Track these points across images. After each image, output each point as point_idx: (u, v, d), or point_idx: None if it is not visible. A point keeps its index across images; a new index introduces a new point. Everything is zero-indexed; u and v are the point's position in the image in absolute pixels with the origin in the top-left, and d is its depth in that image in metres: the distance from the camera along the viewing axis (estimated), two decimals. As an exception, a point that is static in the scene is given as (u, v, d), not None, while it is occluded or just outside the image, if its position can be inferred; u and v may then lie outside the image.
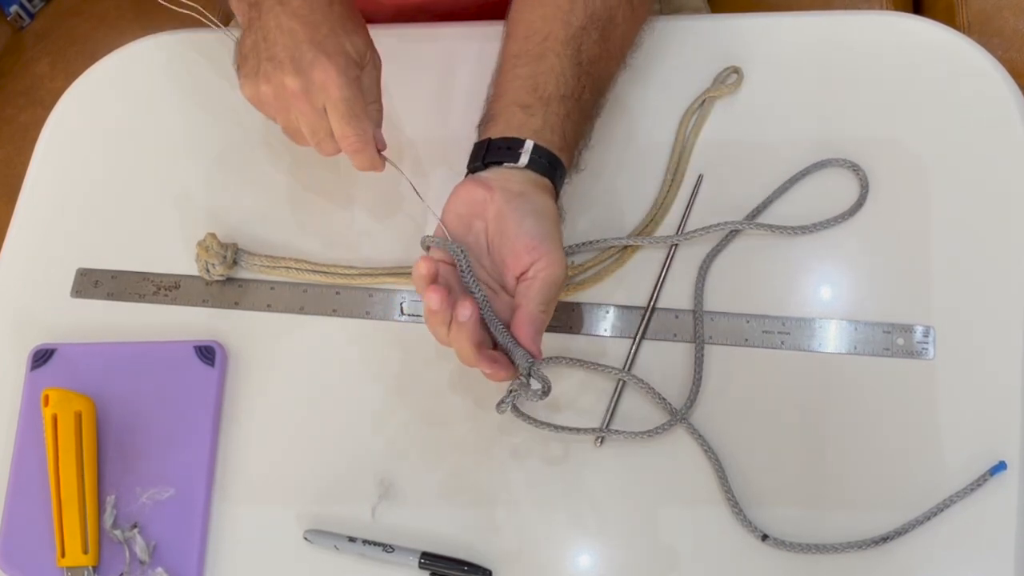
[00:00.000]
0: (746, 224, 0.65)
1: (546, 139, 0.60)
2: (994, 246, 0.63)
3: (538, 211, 0.58)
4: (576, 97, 0.62)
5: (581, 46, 0.63)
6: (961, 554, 0.57)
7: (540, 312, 0.56)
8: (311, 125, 0.61)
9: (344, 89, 0.59)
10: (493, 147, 0.61)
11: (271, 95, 0.61)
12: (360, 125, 0.60)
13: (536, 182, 0.59)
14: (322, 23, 0.60)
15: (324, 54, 0.59)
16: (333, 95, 0.59)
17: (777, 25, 0.73)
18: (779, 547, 0.58)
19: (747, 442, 0.61)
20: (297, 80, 0.59)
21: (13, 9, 1.29)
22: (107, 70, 0.82)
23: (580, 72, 0.63)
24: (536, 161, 0.59)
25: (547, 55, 0.63)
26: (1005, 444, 0.58)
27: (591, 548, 0.61)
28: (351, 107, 0.59)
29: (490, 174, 0.60)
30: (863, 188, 0.65)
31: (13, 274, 0.75)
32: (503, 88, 0.64)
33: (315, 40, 0.59)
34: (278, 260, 0.70)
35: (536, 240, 0.56)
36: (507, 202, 0.57)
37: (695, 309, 0.64)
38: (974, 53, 0.68)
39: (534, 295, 0.56)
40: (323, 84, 0.59)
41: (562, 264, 0.57)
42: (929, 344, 0.61)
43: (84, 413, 0.65)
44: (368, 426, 0.66)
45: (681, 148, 0.69)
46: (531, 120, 0.61)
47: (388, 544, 0.61)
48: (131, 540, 0.64)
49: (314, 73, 0.59)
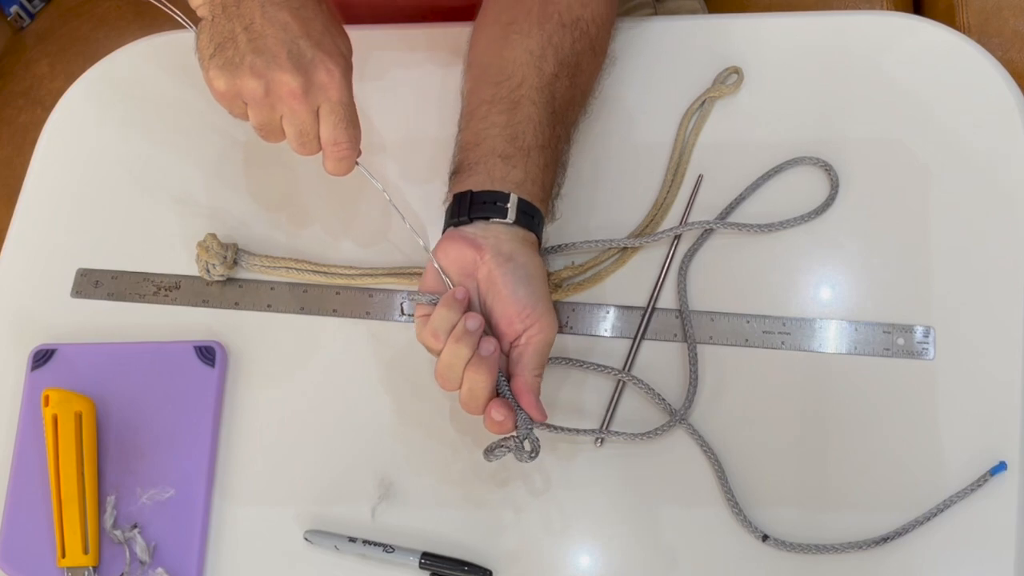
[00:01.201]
0: (717, 224, 0.65)
1: (528, 191, 0.60)
2: (994, 246, 0.63)
3: (529, 275, 0.58)
4: (552, 147, 0.62)
5: (555, 93, 0.63)
6: (961, 554, 0.57)
7: (535, 377, 0.57)
8: (301, 126, 0.58)
9: (345, 92, 0.57)
10: (477, 200, 0.60)
11: (259, 92, 0.56)
12: (355, 133, 0.59)
13: (524, 238, 0.59)
14: (315, 19, 0.58)
15: (326, 54, 0.57)
16: (333, 98, 0.57)
17: (777, 25, 0.73)
18: (779, 547, 0.58)
19: (747, 442, 0.61)
20: (297, 78, 0.56)
21: (13, 9, 1.29)
22: (107, 70, 0.82)
23: (555, 120, 0.63)
24: (522, 215, 0.59)
25: (523, 103, 0.62)
26: (1005, 444, 0.58)
27: (591, 548, 0.61)
28: (349, 113, 0.58)
29: (477, 230, 0.59)
30: (833, 187, 0.66)
31: (13, 274, 0.75)
32: (479, 135, 0.62)
33: (312, 37, 0.57)
34: (278, 260, 0.70)
35: (528, 307, 0.57)
36: (498, 266, 0.57)
37: (680, 309, 0.64)
38: (974, 53, 0.68)
39: (528, 362, 0.57)
40: (325, 86, 0.57)
41: (554, 326, 0.58)
42: (929, 344, 0.61)
43: (84, 413, 0.65)
44: (368, 426, 0.66)
45: (681, 148, 0.69)
46: (513, 172, 0.60)
47: (388, 544, 0.61)
48: (131, 540, 0.64)
49: (317, 73, 0.56)
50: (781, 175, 0.67)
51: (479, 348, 0.55)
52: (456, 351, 0.55)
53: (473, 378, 0.55)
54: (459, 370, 0.56)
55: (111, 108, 0.80)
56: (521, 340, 0.57)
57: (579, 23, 0.65)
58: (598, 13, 0.66)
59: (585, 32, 0.65)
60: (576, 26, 0.65)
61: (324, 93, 0.57)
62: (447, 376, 0.56)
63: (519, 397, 0.57)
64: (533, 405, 0.57)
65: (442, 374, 0.56)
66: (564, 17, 0.64)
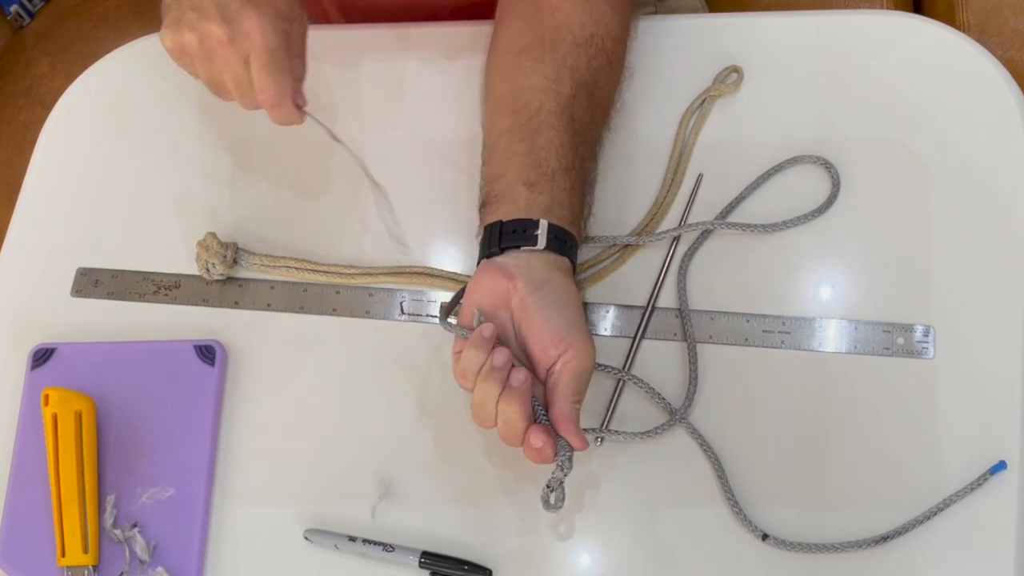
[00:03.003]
0: (719, 224, 0.65)
1: (556, 215, 0.59)
2: (994, 246, 0.63)
3: (562, 301, 0.57)
4: (577, 168, 0.62)
5: (574, 115, 0.62)
6: (961, 554, 0.57)
7: (572, 405, 0.56)
8: (235, 76, 0.60)
9: (270, 38, 0.59)
10: (507, 230, 0.59)
11: (195, 44, 0.60)
12: (279, 78, 0.60)
13: (556, 264, 0.59)
14: None
15: (252, 5, 0.59)
16: (258, 44, 0.59)
17: (777, 24, 0.73)
18: (779, 547, 0.58)
19: (747, 442, 0.61)
20: (223, 28, 0.58)
21: (13, 9, 1.29)
22: (107, 70, 0.82)
23: (577, 141, 0.62)
24: (552, 241, 0.59)
25: (542, 129, 0.62)
26: (1005, 444, 0.58)
27: (591, 548, 0.61)
28: (274, 58, 0.59)
29: (509, 260, 0.59)
30: (835, 185, 0.66)
31: (13, 274, 0.75)
32: (503, 166, 0.62)
33: None
34: (278, 260, 0.70)
35: (562, 333, 0.56)
36: (530, 293, 0.57)
37: (680, 308, 0.64)
38: (974, 53, 0.68)
39: (563, 389, 0.56)
40: (248, 33, 0.59)
41: (590, 352, 0.56)
42: (929, 344, 0.61)
43: (84, 413, 0.65)
44: (368, 426, 0.66)
45: (681, 148, 0.69)
46: (540, 198, 0.60)
47: (388, 544, 0.61)
48: (131, 540, 0.64)
49: (241, 22, 0.59)
50: (781, 174, 0.67)
51: (509, 379, 0.54)
52: (486, 389, 0.55)
53: (506, 410, 0.54)
54: (492, 407, 0.55)
55: (111, 107, 0.80)
56: (556, 367, 0.56)
57: (594, 40, 0.64)
58: (612, 27, 0.66)
59: (601, 48, 0.65)
60: (591, 43, 0.64)
61: (249, 40, 0.59)
62: (481, 414, 0.56)
63: (557, 426, 0.55)
64: (573, 433, 0.55)
65: (477, 412, 0.56)
66: (578, 36, 0.64)
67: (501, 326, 0.57)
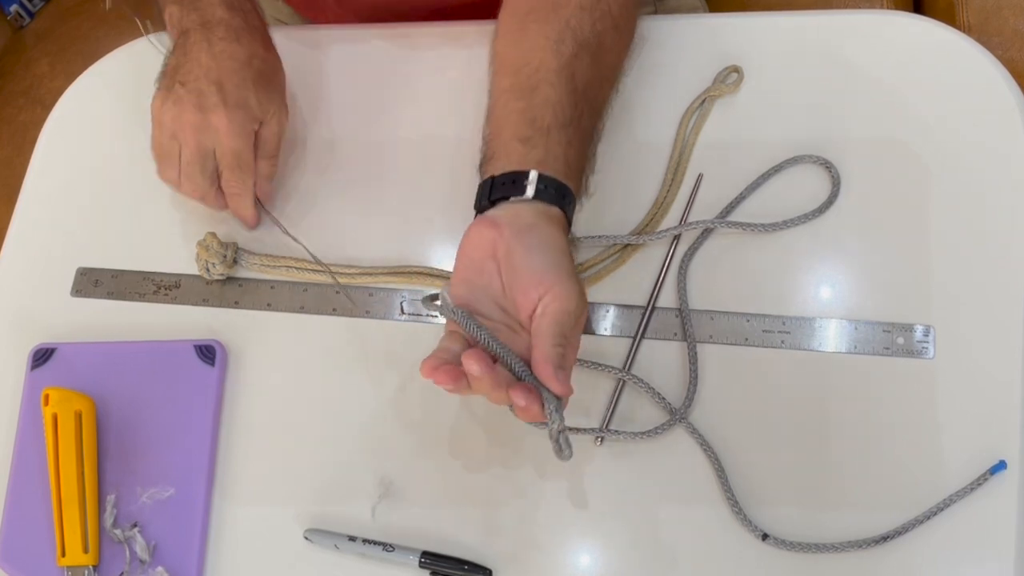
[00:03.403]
0: (720, 223, 0.65)
1: (550, 167, 0.59)
2: (994, 246, 0.63)
3: (545, 243, 0.57)
4: (576, 124, 0.61)
5: (575, 73, 0.62)
6: (961, 554, 0.57)
7: (554, 348, 0.53)
8: (188, 156, 0.66)
9: (234, 140, 0.65)
10: (497, 183, 0.59)
11: (170, 117, 0.66)
12: (243, 176, 0.67)
13: (545, 213, 0.58)
14: (235, 73, 0.65)
15: (225, 104, 0.64)
16: (224, 144, 0.65)
17: (777, 25, 0.73)
18: (779, 546, 0.58)
19: (747, 442, 0.61)
20: (196, 116, 0.64)
21: (13, 9, 1.29)
22: (107, 70, 0.82)
23: (576, 99, 0.62)
24: (543, 191, 0.58)
25: (541, 86, 0.62)
26: (1005, 443, 0.58)
27: (591, 548, 0.61)
28: (239, 159, 0.66)
29: (498, 211, 0.59)
30: (835, 185, 0.66)
31: (13, 274, 0.75)
32: (500, 124, 0.63)
33: (223, 87, 0.65)
34: (278, 259, 0.70)
35: (541, 274, 0.55)
36: (513, 238, 0.56)
37: (680, 308, 0.64)
38: (974, 53, 0.68)
39: (545, 331, 0.54)
40: (217, 128, 0.65)
41: (573, 295, 0.55)
42: (929, 344, 0.61)
43: (84, 413, 0.65)
44: (368, 426, 0.66)
45: (681, 147, 0.69)
46: (533, 152, 0.60)
47: (388, 543, 0.61)
48: (131, 540, 0.64)
49: (211, 117, 0.64)
50: (780, 174, 0.67)
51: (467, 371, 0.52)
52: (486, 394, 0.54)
53: (478, 389, 0.54)
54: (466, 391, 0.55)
55: (111, 107, 0.80)
56: (538, 310, 0.55)
57: (600, 4, 0.64)
58: None
59: (607, 12, 0.64)
60: (596, 7, 0.64)
61: (216, 136, 0.65)
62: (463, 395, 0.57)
63: (537, 372, 0.54)
64: (551, 377, 0.53)
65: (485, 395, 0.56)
66: (583, 0, 0.64)
67: (488, 277, 0.57)
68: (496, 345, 0.55)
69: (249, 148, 0.66)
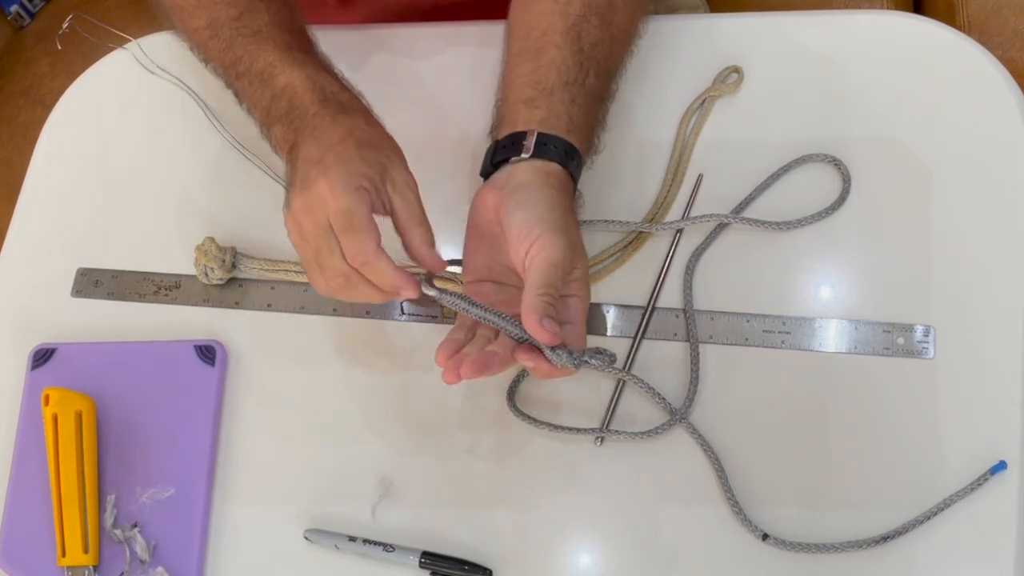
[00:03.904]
0: (732, 218, 0.65)
1: (551, 126, 0.60)
2: (994, 246, 0.63)
3: (533, 198, 0.57)
4: (580, 82, 0.62)
5: (581, 33, 0.63)
6: (961, 554, 0.57)
7: (538, 297, 0.53)
8: (312, 244, 0.56)
9: (339, 200, 0.54)
10: (500, 147, 0.61)
11: (290, 222, 0.57)
12: (359, 237, 0.54)
13: (542, 170, 0.59)
14: (334, 146, 0.57)
15: (325, 172, 0.55)
16: (331, 208, 0.54)
17: (777, 25, 0.73)
18: (779, 546, 0.58)
19: (747, 442, 0.61)
20: (302, 199, 0.55)
21: (13, 9, 1.29)
22: (107, 70, 0.82)
23: (582, 58, 0.62)
24: (541, 148, 0.59)
25: (547, 48, 0.62)
26: (1005, 444, 0.58)
27: (591, 548, 0.61)
28: (348, 217, 0.54)
29: (499, 174, 0.60)
30: (845, 183, 0.66)
31: (13, 274, 0.75)
32: (507, 90, 0.64)
33: (323, 160, 0.56)
34: (277, 264, 0.70)
35: (526, 228, 0.55)
36: (507, 197, 0.57)
37: (685, 308, 0.64)
38: (974, 53, 0.68)
39: (530, 282, 0.54)
40: (322, 197, 0.54)
41: (559, 245, 0.54)
42: (929, 344, 0.61)
43: (84, 413, 0.65)
44: (368, 426, 0.65)
45: (681, 148, 0.69)
46: (535, 112, 0.60)
47: (388, 544, 0.61)
48: (131, 540, 0.64)
49: (314, 189, 0.55)
50: (787, 174, 0.67)
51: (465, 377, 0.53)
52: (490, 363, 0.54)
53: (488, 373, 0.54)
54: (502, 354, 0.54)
55: (111, 107, 0.80)
56: (527, 263, 0.55)
57: None
58: None
59: None
60: None
61: (323, 204, 0.54)
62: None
63: (524, 320, 0.53)
64: (535, 325, 0.52)
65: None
66: None
67: (494, 241, 0.58)
68: (487, 314, 0.55)
69: (360, 204, 0.54)
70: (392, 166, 0.57)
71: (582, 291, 0.57)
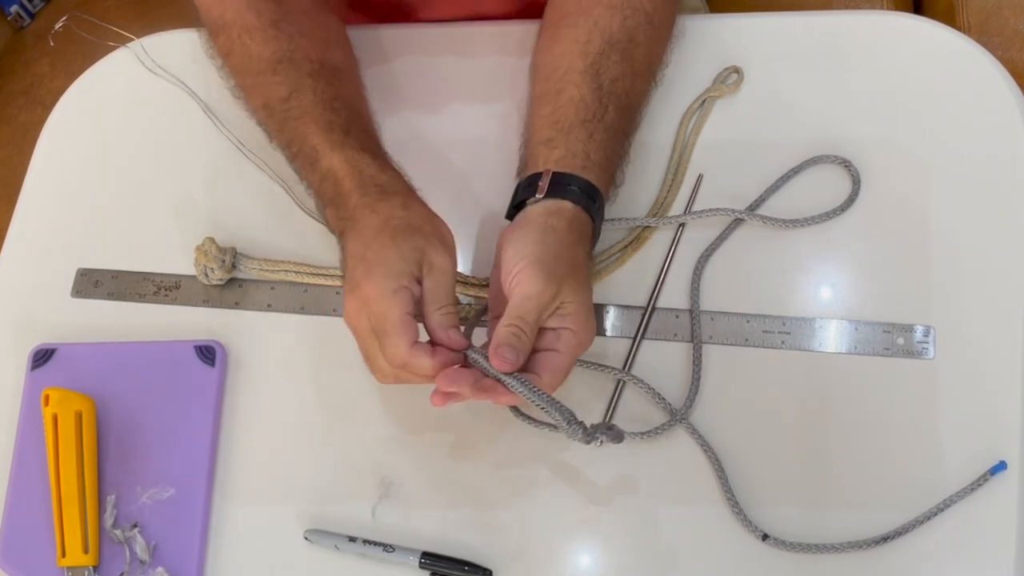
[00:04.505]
0: (745, 214, 0.65)
1: (567, 164, 0.60)
2: (994, 246, 0.63)
3: (523, 235, 0.57)
4: (599, 118, 0.62)
5: (600, 70, 0.63)
6: (961, 554, 0.57)
7: (504, 328, 0.54)
8: (362, 343, 0.58)
9: (377, 305, 0.55)
10: (519, 189, 0.62)
11: (344, 316, 0.59)
12: (389, 343, 0.55)
13: (549, 207, 0.59)
14: (372, 240, 0.58)
15: (368, 273, 0.56)
16: (372, 310, 0.56)
17: (777, 25, 0.73)
18: (779, 547, 0.58)
19: (747, 442, 0.61)
20: (351, 301, 0.57)
21: (13, 9, 1.29)
22: (107, 70, 0.82)
23: (601, 94, 0.63)
24: (556, 187, 0.59)
25: (566, 88, 0.63)
26: (1005, 444, 0.58)
27: (591, 548, 0.61)
28: (383, 323, 0.55)
29: (516, 217, 0.60)
30: (855, 184, 0.65)
31: (13, 274, 0.75)
32: (529, 132, 0.65)
33: (364, 258, 0.57)
34: (277, 264, 0.70)
35: (511, 262, 0.56)
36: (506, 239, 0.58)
37: (692, 309, 0.64)
38: (974, 53, 0.68)
39: (505, 314, 0.55)
40: (366, 301, 0.56)
41: (533, 279, 0.54)
42: (929, 344, 0.61)
43: (84, 413, 0.65)
44: (368, 426, 0.65)
45: (681, 148, 0.69)
46: (553, 152, 0.61)
47: (388, 544, 0.61)
48: (131, 540, 0.64)
49: (360, 293, 0.56)
50: (796, 175, 0.67)
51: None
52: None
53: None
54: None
55: (111, 108, 0.80)
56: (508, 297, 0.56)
57: (631, 1, 0.65)
58: None
59: (639, 8, 0.65)
60: (628, 4, 0.65)
61: (368, 308, 0.56)
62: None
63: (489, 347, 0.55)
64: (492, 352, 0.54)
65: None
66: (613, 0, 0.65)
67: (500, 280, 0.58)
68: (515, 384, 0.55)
69: (394, 308, 0.55)
70: (430, 248, 0.58)
71: (575, 324, 0.56)
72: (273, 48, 0.67)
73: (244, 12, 0.68)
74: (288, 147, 0.67)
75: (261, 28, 0.68)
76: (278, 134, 0.67)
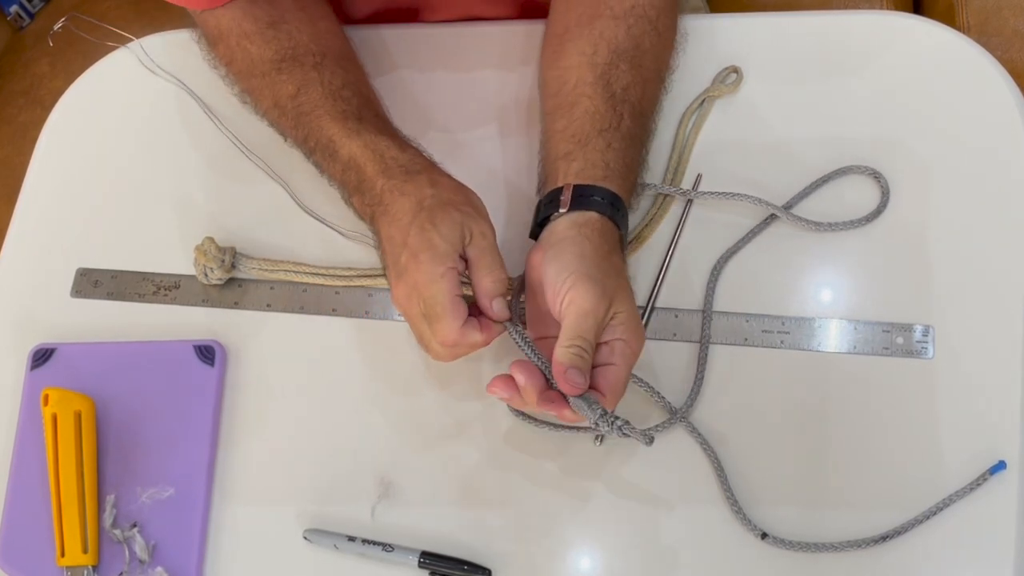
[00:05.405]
0: (779, 211, 0.65)
1: (587, 176, 0.60)
2: (994, 246, 0.63)
3: (564, 251, 0.57)
4: (615, 127, 0.62)
5: (611, 80, 0.63)
6: (961, 554, 0.57)
7: (566, 349, 0.54)
8: (415, 328, 0.60)
9: (426, 289, 0.57)
10: (541, 206, 0.61)
11: (393, 302, 0.60)
12: (439, 327, 0.57)
13: (577, 220, 0.58)
14: (410, 225, 0.58)
15: (415, 259, 0.57)
16: (422, 294, 0.57)
17: (777, 25, 0.73)
18: (779, 546, 0.58)
19: (747, 441, 0.61)
20: (400, 288, 0.59)
21: (13, 9, 1.29)
22: (107, 70, 0.82)
23: (614, 103, 0.62)
24: (579, 200, 0.59)
25: (579, 100, 0.63)
26: (1005, 443, 0.58)
27: (591, 548, 0.61)
28: (433, 307, 0.57)
29: (543, 233, 0.60)
30: (884, 195, 0.65)
31: (13, 274, 0.75)
32: (546, 148, 0.65)
33: (407, 244, 0.58)
34: (277, 264, 0.70)
35: (558, 281, 0.55)
36: (545, 254, 0.57)
37: (704, 309, 0.64)
38: (974, 53, 0.68)
39: (562, 333, 0.54)
40: (415, 284, 0.57)
41: (588, 295, 0.54)
42: (929, 343, 0.61)
43: (84, 413, 0.65)
44: (368, 426, 0.66)
45: (681, 148, 0.69)
46: (572, 165, 0.61)
47: (388, 543, 0.61)
48: (131, 540, 0.64)
49: (408, 279, 0.58)
50: (826, 183, 0.66)
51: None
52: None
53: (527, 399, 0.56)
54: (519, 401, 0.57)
55: (111, 107, 0.80)
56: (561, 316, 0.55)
57: (634, 10, 0.65)
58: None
59: (642, 16, 0.65)
60: (631, 13, 0.65)
61: (418, 292, 0.57)
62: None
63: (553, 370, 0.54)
64: (560, 376, 0.54)
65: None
66: (615, 9, 0.65)
67: (543, 298, 0.57)
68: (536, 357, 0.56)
69: (442, 291, 0.56)
70: (466, 219, 0.58)
71: (627, 334, 0.56)
72: (274, 48, 0.68)
73: (240, 19, 0.68)
74: (305, 143, 0.67)
75: (259, 31, 0.68)
76: (293, 131, 0.67)
